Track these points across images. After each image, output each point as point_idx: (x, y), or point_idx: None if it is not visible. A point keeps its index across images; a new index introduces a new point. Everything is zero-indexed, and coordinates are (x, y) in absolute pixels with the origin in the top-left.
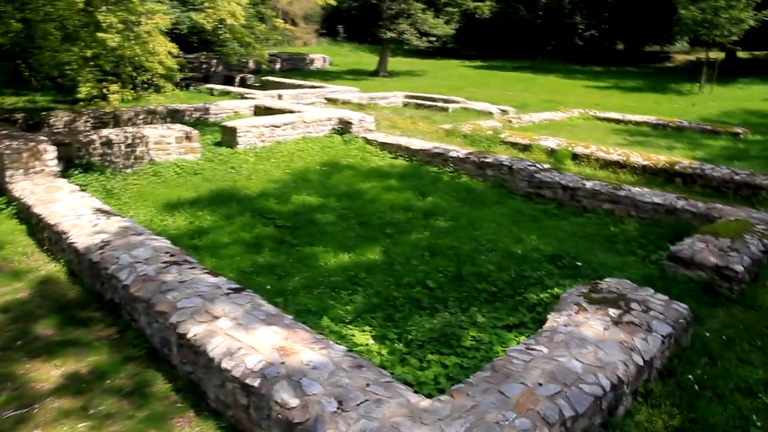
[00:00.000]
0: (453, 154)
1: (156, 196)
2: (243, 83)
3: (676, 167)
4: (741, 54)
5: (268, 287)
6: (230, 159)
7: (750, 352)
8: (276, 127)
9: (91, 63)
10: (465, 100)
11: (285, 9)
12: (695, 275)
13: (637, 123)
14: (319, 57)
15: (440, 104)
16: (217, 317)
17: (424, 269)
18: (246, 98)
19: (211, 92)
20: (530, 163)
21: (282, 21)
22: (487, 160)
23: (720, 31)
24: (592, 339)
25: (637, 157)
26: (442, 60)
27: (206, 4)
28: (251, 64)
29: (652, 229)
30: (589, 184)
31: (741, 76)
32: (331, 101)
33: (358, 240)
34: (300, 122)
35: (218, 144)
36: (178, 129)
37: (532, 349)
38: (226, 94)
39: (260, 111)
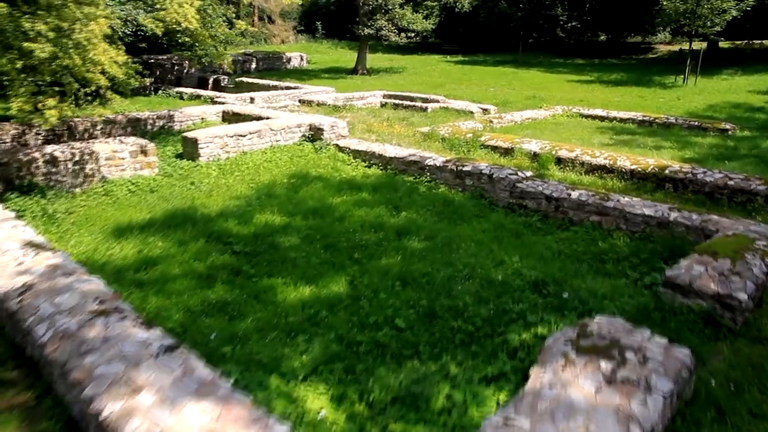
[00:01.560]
0: (430, 162)
1: (105, 219)
2: (216, 85)
3: (666, 172)
4: (723, 44)
5: (214, 335)
6: (191, 173)
7: (762, 402)
8: (241, 136)
9: (28, 74)
10: (445, 98)
11: (261, 6)
12: (695, 304)
13: (622, 120)
14: (296, 55)
15: (419, 104)
16: (139, 389)
17: (393, 304)
18: (216, 102)
19: (180, 96)
20: (511, 171)
21: (247, 23)
22: (465, 168)
23: (702, 21)
24: (582, 406)
25: (625, 160)
26: (423, 55)
27: (157, 6)
28: (225, 65)
29: (644, 245)
30: (574, 195)
31: (724, 66)
32: (306, 103)
33: (322, 267)
34: (267, 130)
35: (180, 156)
36: (133, 142)
37: (512, 424)
38: (197, 98)
39: (228, 117)
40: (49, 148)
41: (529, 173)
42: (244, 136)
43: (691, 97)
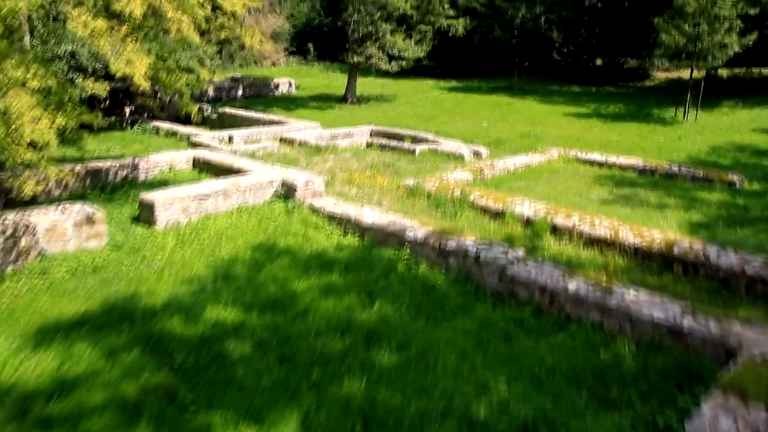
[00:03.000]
0: (410, 234)
1: (32, 312)
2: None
3: (675, 251)
4: (721, 71)
5: None
6: (144, 244)
7: None
8: (205, 197)
9: None
10: (435, 137)
11: (252, 27)
12: None
13: (622, 167)
14: (285, 81)
15: (407, 145)
16: None
17: None
18: (191, 143)
19: (157, 131)
20: (501, 252)
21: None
22: (449, 246)
23: (703, 55)
24: None
25: (627, 233)
26: (416, 80)
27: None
28: (210, 92)
29: (653, 359)
30: (572, 286)
31: (724, 97)
32: (287, 142)
33: (273, 393)
34: (234, 189)
35: (137, 219)
36: (78, 211)
37: None
38: (173, 134)
39: (200, 164)
40: None
41: (520, 253)
42: (209, 197)
43: (692, 136)
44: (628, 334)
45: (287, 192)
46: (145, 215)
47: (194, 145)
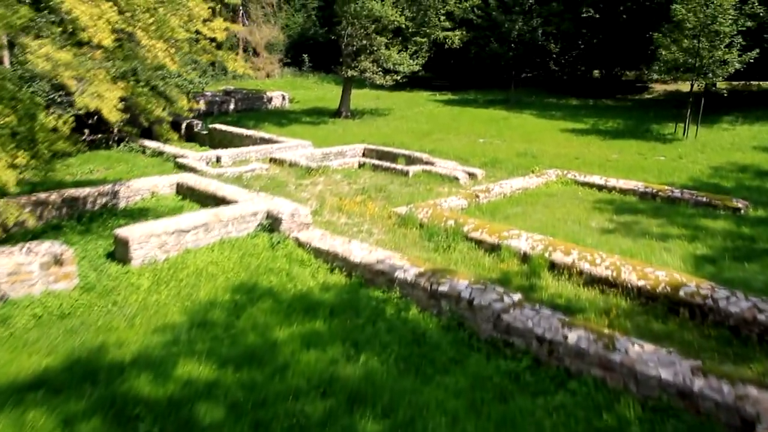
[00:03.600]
0: (400, 275)
1: None
2: (189, 131)
3: (681, 294)
4: (720, 84)
5: None
6: (118, 285)
7: None
8: (184, 232)
9: None
10: (429, 156)
11: (246, 39)
12: None
13: (622, 191)
14: (278, 95)
15: (400, 167)
16: None
17: None
18: (177, 164)
19: (143, 150)
20: (496, 296)
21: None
22: (441, 289)
23: (703, 70)
24: None
25: (630, 273)
26: (412, 91)
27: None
28: (202, 105)
29: (661, 425)
30: (572, 338)
31: (724, 112)
32: (277, 163)
33: None
34: (216, 222)
35: (112, 254)
36: (45, 251)
37: None
38: (159, 154)
39: (183, 190)
40: None
41: (517, 297)
42: (188, 231)
43: (693, 155)
44: (633, 392)
45: (272, 224)
46: (120, 252)
47: (180, 166)
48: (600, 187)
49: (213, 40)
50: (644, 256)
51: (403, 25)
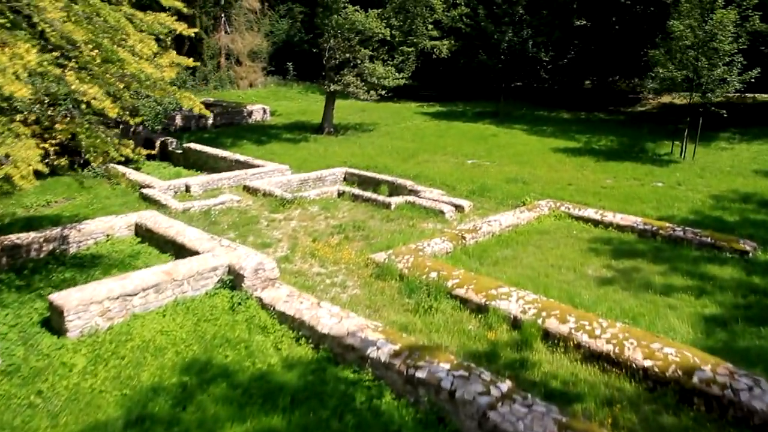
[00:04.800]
0: (373, 353)
1: None
2: (164, 148)
3: (695, 380)
4: (715, 98)
5: None
6: (47, 366)
7: None
8: (130, 296)
9: None
10: (414, 184)
11: (228, 47)
12: None
13: (620, 227)
14: (259, 108)
15: (381, 198)
16: None
17: None
18: (143, 195)
19: (109, 177)
20: (481, 386)
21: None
22: (419, 374)
23: (702, 89)
24: None
25: (635, 349)
26: (399, 102)
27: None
28: (178, 120)
29: None
30: None
31: (720, 128)
32: (250, 192)
33: None
34: (169, 282)
35: (47, 322)
36: None
37: None
38: (126, 180)
39: (143, 232)
40: None
41: (505, 386)
42: (135, 294)
43: (692, 180)
44: None
45: (234, 280)
46: (56, 321)
47: (145, 198)
48: (596, 223)
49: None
50: (648, 319)
51: (388, 37)
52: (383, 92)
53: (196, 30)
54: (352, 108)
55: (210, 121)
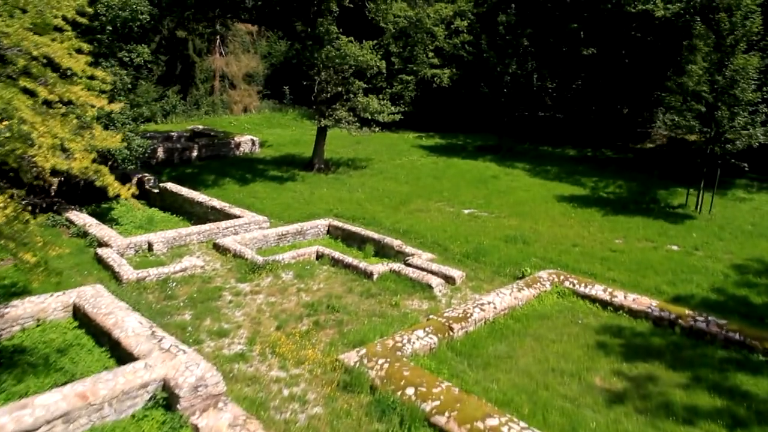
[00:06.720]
0: None
1: None
2: (141, 186)
3: None
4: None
5: None
6: None
7: None
8: (32, 430)
9: None
10: (402, 245)
11: (222, 71)
12: None
13: (632, 312)
14: (247, 139)
15: (363, 266)
16: None
17: None
18: (98, 256)
19: (68, 225)
20: None
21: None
22: None
23: (721, 141)
24: None
25: None
26: (396, 132)
27: None
28: (160, 153)
29: None
30: None
31: (737, 175)
32: (220, 251)
33: None
34: (84, 408)
35: None
36: None
37: None
38: (83, 235)
39: (80, 315)
40: None
41: None
42: (37, 429)
43: (711, 243)
44: None
45: (169, 398)
46: None
47: (99, 260)
48: (604, 304)
49: None
50: None
51: (384, 71)
52: (377, 129)
53: (121, 105)
54: (346, 140)
55: (195, 154)
